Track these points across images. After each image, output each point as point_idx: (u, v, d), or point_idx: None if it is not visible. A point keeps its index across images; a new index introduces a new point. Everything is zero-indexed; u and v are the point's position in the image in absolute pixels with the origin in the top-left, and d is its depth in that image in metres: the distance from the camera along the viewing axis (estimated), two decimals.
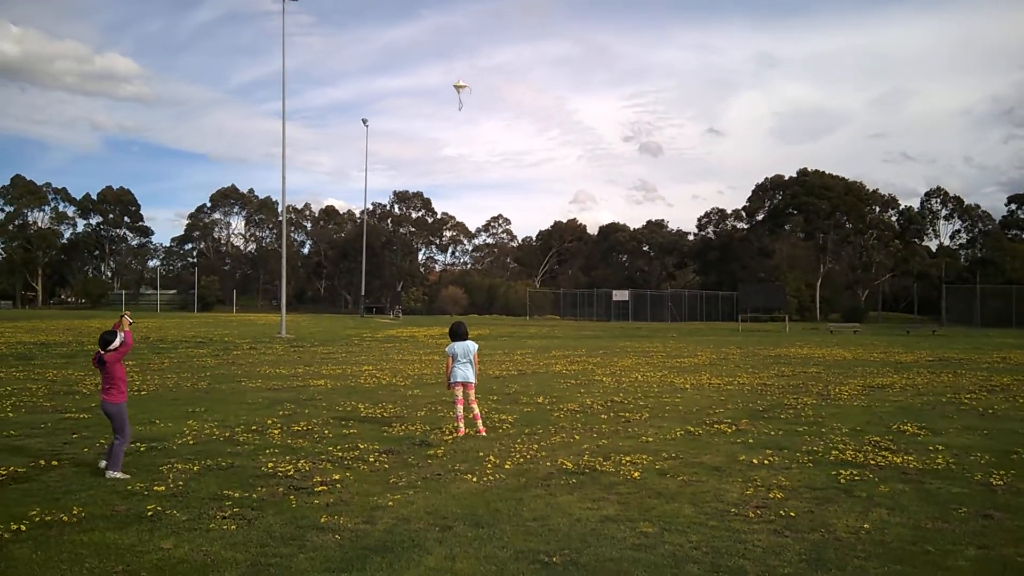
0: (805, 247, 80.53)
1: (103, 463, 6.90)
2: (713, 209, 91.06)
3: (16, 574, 4.32)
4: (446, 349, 9.36)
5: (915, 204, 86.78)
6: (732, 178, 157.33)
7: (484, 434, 8.94)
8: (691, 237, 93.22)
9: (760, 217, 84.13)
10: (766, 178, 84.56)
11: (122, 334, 7.04)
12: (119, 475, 6.64)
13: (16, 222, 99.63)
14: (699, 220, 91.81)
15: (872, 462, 7.50)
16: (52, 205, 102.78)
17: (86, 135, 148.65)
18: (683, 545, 4.94)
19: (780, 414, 10.75)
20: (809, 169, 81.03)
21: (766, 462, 7.48)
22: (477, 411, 9.20)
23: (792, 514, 5.66)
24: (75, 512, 5.52)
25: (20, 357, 20.24)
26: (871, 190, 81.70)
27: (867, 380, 15.55)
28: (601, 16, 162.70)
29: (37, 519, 5.34)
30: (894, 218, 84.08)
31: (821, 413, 10.84)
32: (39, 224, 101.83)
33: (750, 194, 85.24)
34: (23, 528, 5.12)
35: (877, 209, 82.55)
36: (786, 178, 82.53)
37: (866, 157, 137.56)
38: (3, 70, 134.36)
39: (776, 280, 68.29)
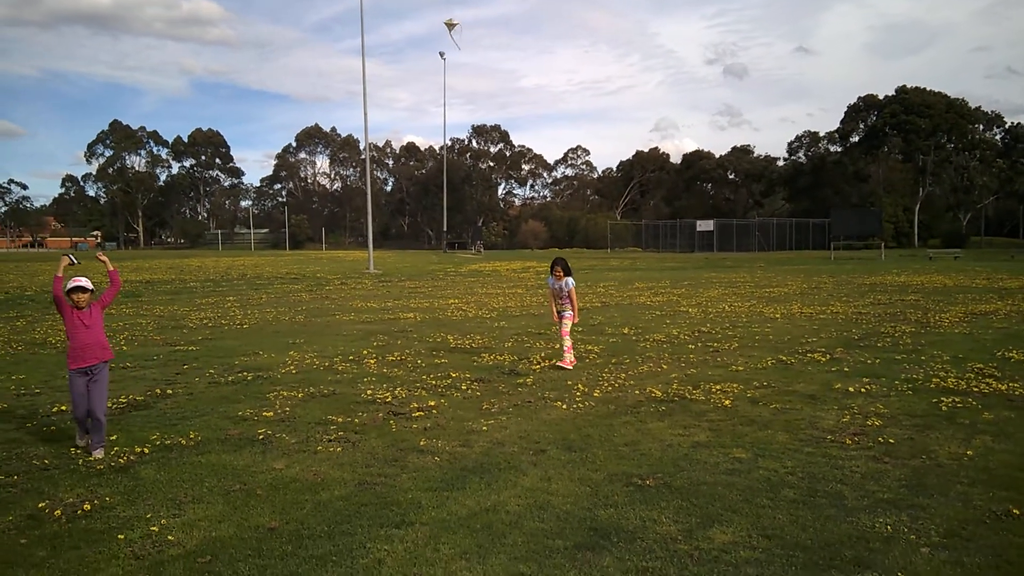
0: (902, 169, 76.38)
1: (83, 441, 5.63)
2: (804, 132, 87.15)
3: (144, 492, 4.68)
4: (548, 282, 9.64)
5: (1021, 121, 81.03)
6: (823, 99, 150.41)
7: (567, 367, 8.79)
8: (780, 163, 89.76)
9: (855, 139, 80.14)
10: (859, 97, 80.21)
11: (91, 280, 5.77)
12: (102, 453, 5.44)
13: (115, 166, 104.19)
14: (789, 144, 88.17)
15: (975, 389, 7.25)
16: (147, 149, 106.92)
17: (175, 79, 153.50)
18: (778, 470, 4.93)
19: (877, 342, 10.45)
20: (908, 86, 76.39)
21: (863, 390, 7.33)
22: (568, 344, 9.05)
23: (891, 441, 5.56)
24: (192, 436, 5.91)
25: (128, 295, 21.48)
26: (974, 107, 76.47)
27: (969, 307, 14.89)
28: None
29: (158, 443, 5.75)
30: (998, 137, 78.63)
31: (920, 341, 10.48)
32: (136, 167, 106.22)
33: (843, 115, 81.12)
34: (146, 451, 5.53)
35: (980, 127, 77.34)
36: (882, 97, 78.07)
37: (968, 72, 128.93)
38: (96, 19, 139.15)
39: (871, 205, 65.43)
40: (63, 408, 6.90)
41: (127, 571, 3.58)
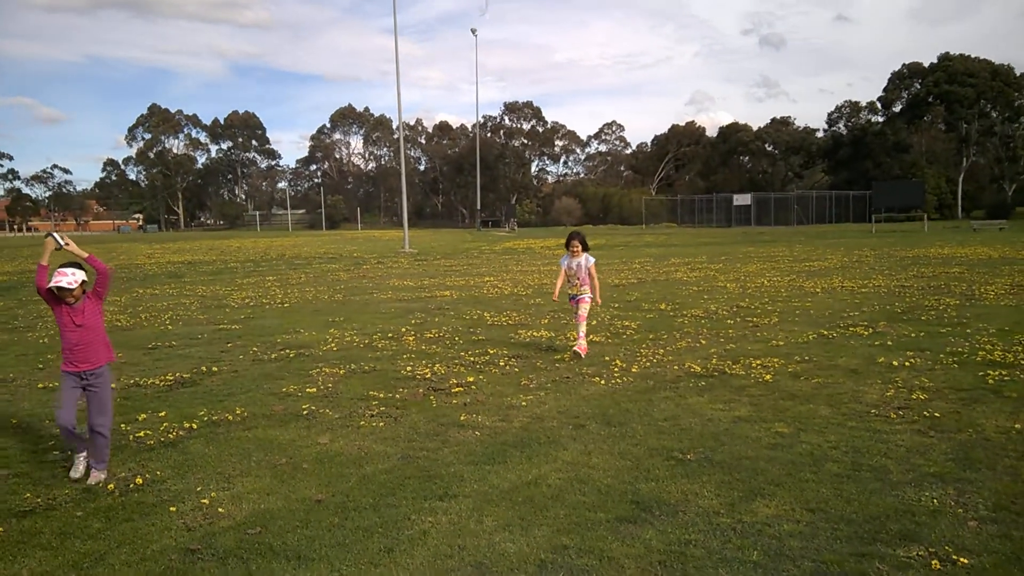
0: (945, 139, 74.36)
1: (80, 465, 4.67)
2: (845, 102, 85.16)
3: (193, 466, 4.80)
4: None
5: None
6: (864, 68, 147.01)
7: (582, 353, 7.96)
8: (819, 134, 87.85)
9: (897, 109, 78.18)
10: (903, 65, 78.16)
11: (79, 275, 4.76)
12: (104, 475, 4.59)
13: (155, 149, 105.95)
14: (829, 115, 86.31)
15: (1023, 362, 7.10)
16: (185, 132, 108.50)
17: (211, 62, 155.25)
18: (821, 445, 4.89)
19: (920, 316, 10.26)
20: (952, 53, 74.13)
21: (907, 364, 7.22)
22: (583, 330, 8.17)
23: (937, 415, 5.47)
24: (238, 412, 6.04)
25: (171, 275, 21.92)
26: (1020, 73, 73.92)
27: (1015, 279, 14.53)
28: None
29: (206, 418, 5.89)
30: None
31: (965, 314, 10.27)
32: (175, 151, 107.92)
33: (886, 83, 79.17)
34: (194, 426, 5.66)
35: None
36: (925, 65, 75.93)
37: (1015, 38, 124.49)
38: (133, 3, 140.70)
39: (913, 176, 63.90)
40: (112, 386, 7.08)
41: (180, 542, 3.68)
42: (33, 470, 4.78)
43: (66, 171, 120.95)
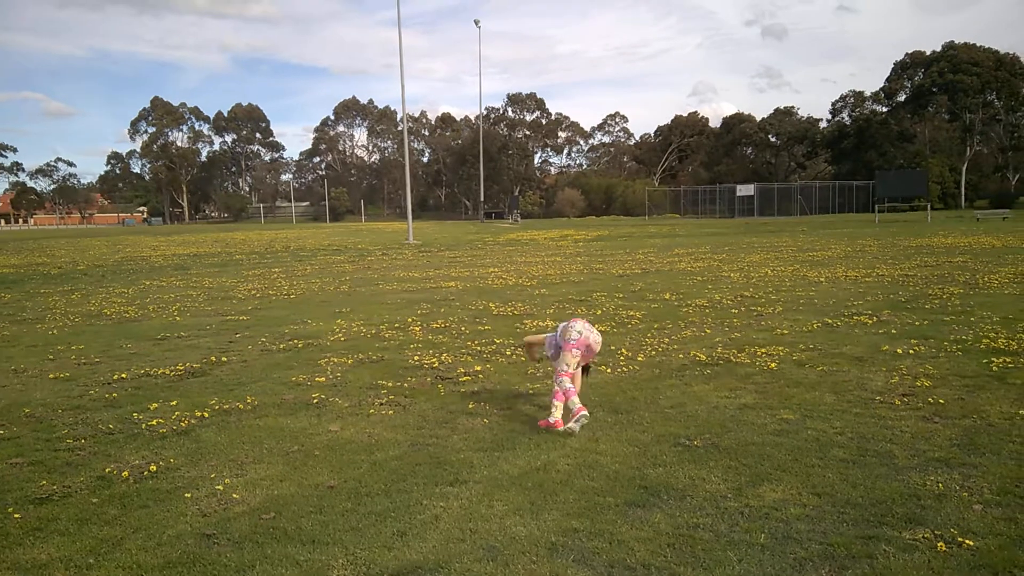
0: (949, 129, 74.08)
1: None
2: (849, 92, 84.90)
3: (206, 453, 4.86)
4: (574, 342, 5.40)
5: None
6: (867, 59, 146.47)
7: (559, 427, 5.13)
8: (823, 124, 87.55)
9: (901, 98, 77.88)
10: (907, 54, 77.88)
11: None
12: None
13: (159, 142, 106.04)
14: (833, 105, 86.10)
15: None
16: (189, 124, 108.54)
17: (216, 56, 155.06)
18: (827, 431, 4.94)
19: (924, 304, 10.28)
20: (956, 42, 73.80)
21: (911, 351, 7.26)
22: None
23: (941, 401, 5.52)
24: (249, 401, 6.10)
25: (177, 267, 22.00)
26: None
27: (1019, 268, 14.54)
28: None
29: (217, 407, 5.94)
30: None
31: (969, 303, 10.29)
32: (179, 143, 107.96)
33: (889, 72, 78.92)
34: (206, 415, 5.72)
35: None
36: (929, 53, 75.58)
37: (1020, 26, 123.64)
38: (142, 0, 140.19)
39: (917, 166, 63.69)
40: (123, 376, 7.16)
41: (195, 527, 3.74)
42: (47, 458, 4.85)
43: (70, 164, 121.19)
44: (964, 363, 6.74)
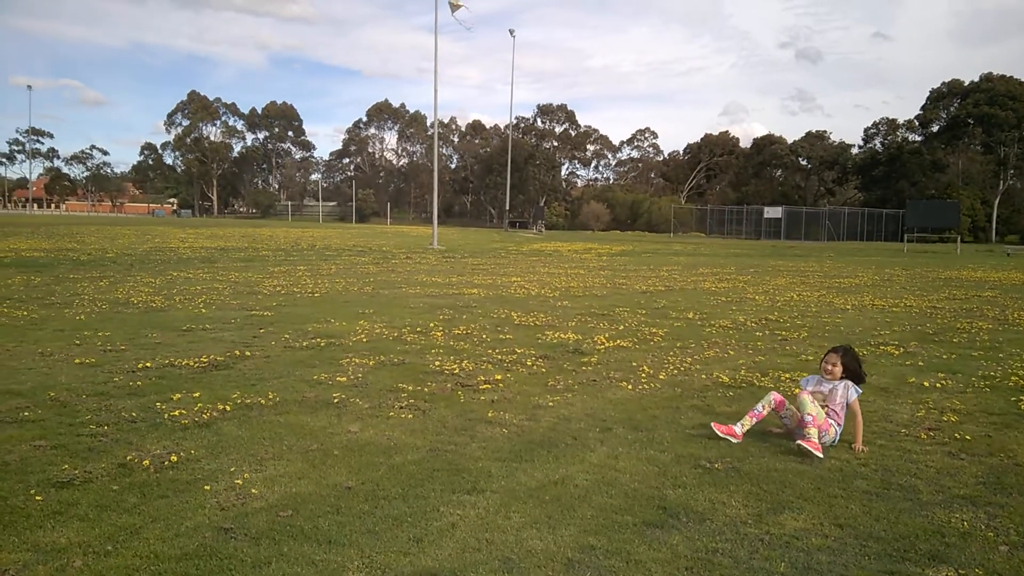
0: (983, 161, 73.11)
1: None
2: (882, 119, 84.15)
3: (227, 447, 4.89)
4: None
5: None
6: (900, 86, 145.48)
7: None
8: (855, 150, 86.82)
9: (935, 128, 77.05)
10: (943, 83, 77.01)
11: None
12: None
13: (192, 136, 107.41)
14: (865, 131, 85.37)
15: None
16: (223, 120, 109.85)
17: (253, 53, 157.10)
18: (850, 461, 4.86)
19: (952, 337, 10.13)
20: (994, 74, 72.94)
21: (938, 385, 7.14)
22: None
23: (968, 437, 5.42)
24: (270, 397, 6.13)
25: (205, 260, 22.23)
26: None
27: None
28: None
29: (239, 401, 5.98)
30: None
31: (998, 338, 10.13)
32: (212, 138, 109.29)
33: (925, 101, 78.05)
34: (227, 408, 5.75)
35: None
36: (966, 83, 74.74)
37: None
38: None
39: (948, 197, 62.93)
40: (148, 364, 7.23)
41: (213, 520, 3.75)
42: (70, 443, 4.89)
43: (104, 152, 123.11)
44: (992, 400, 6.62)
